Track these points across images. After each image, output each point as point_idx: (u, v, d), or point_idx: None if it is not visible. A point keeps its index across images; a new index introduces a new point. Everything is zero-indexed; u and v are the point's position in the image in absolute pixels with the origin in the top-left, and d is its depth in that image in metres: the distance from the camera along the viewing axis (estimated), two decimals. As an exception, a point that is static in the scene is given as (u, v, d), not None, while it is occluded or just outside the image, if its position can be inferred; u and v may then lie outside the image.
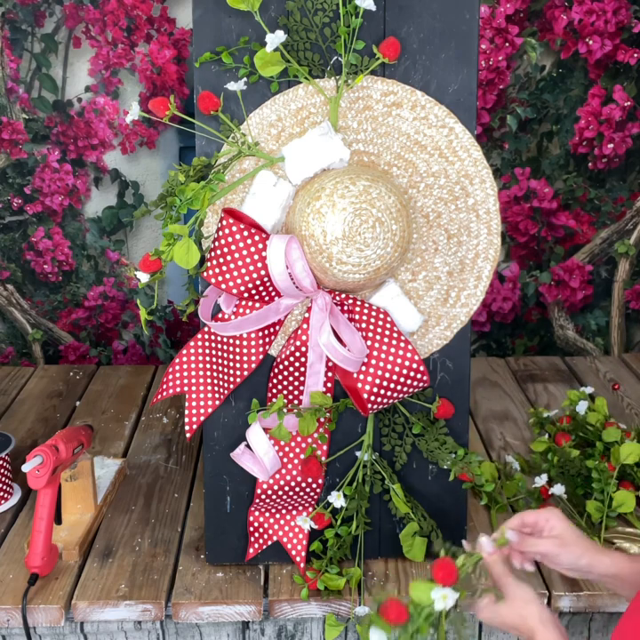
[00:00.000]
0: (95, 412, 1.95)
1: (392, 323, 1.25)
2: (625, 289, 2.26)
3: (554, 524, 1.10)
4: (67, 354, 2.29)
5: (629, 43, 2.06)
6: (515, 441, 1.80)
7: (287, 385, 1.31)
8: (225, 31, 1.24)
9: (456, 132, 1.27)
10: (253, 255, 1.18)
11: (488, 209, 1.30)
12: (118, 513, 1.55)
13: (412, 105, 1.26)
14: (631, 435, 1.64)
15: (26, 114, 2.09)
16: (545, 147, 2.15)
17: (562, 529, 1.10)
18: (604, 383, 2.09)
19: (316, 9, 1.23)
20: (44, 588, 1.33)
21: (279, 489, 1.34)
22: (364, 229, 1.17)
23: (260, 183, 1.24)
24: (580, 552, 1.09)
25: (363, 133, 1.26)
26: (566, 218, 2.19)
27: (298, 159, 1.22)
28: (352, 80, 1.23)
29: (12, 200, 2.15)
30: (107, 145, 2.13)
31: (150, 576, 1.37)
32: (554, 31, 2.06)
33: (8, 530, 1.50)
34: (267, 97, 1.25)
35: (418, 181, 1.28)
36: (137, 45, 2.06)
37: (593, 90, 2.09)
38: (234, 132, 1.24)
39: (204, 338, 1.31)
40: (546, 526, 1.10)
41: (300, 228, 1.20)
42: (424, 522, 1.36)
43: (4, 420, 1.92)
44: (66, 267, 2.21)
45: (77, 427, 1.47)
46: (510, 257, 2.23)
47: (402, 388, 1.26)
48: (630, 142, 2.13)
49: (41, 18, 2.03)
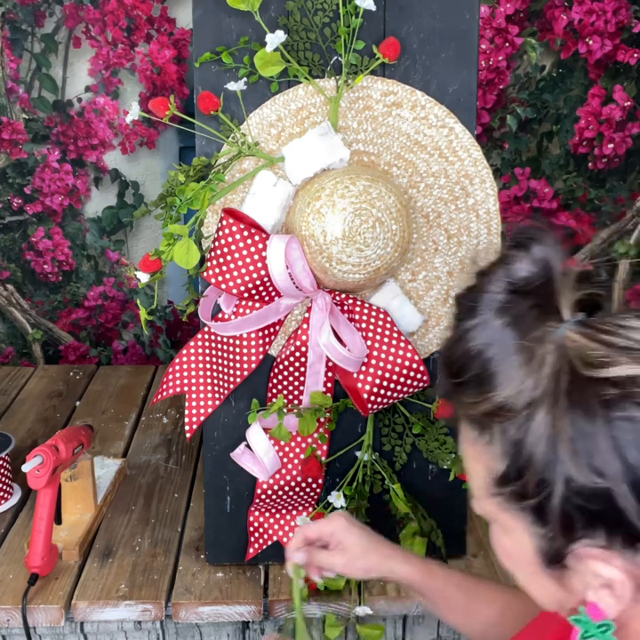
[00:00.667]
0: (95, 412, 1.95)
1: (392, 323, 1.25)
2: (625, 289, 2.26)
3: (339, 537, 1.04)
4: (67, 354, 2.29)
5: (629, 43, 2.06)
6: (515, 441, 1.80)
7: (287, 385, 1.31)
8: (225, 31, 1.24)
9: (456, 132, 1.27)
10: (253, 255, 1.18)
11: (488, 209, 1.29)
12: (118, 513, 1.55)
13: (411, 105, 1.26)
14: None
15: (26, 114, 2.09)
16: (545, 147, 2.15)
17: (349, 544, 1.03)
18: (604, 383, 2.08)
19: (316, 9, 1.23)
20: (44, 588, 1.33)
21: (279, 489, 1.34)
22: (364, 229, 1.17)
23: (260, 183, 1.24)
24: (367, 565, 1.03)
25: (363, 133, 1.26)
26: (566, 218, 2.19)
27: (298, 159, 1.22)
28: (352, 80, 1.23)
29: (11, 200, 2.15)
30: (107, 145, 2.13)
31: (150, 576, 1.37)
32: (554, 31, 2.06)
33: (8, 530, 1.50)
34: (267, 97, 1.25)
35: (418, 181, 1.28)
36: (137, 45, 2.06)
37: (593, 90, 2.09)
38: (234, 132, 1.24)
39: (204, 338, 1.31)
40: (332, 540, 1.04)
41: (299, 227, 1.20)
42: (424, 522, 1.36)
43: (4, 420, 1.92)
44: (66, 267, 2.21)
45: (77, 427, 1.47)
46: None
47: (402, 387, 1.26)
48: (630, 142, 2.13)
49: (41, 18, 2.03)
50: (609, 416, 0.58)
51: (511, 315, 0.61)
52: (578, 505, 0.59)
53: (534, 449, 0.60)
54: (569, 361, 0.59)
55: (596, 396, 0.58)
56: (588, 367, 0.58)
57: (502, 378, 0.61)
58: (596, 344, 0.59)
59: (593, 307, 0.64)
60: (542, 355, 0.60)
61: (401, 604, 1.34)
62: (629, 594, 0.61)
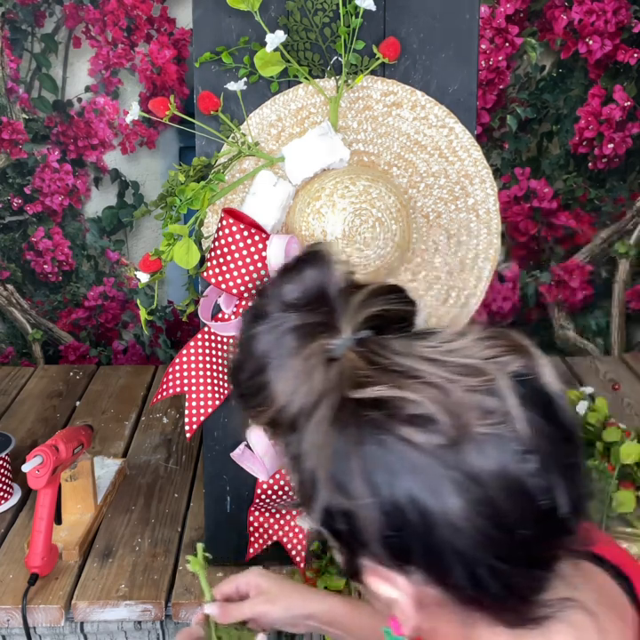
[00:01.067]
0: (95, 412, 1.95)
1: (392, 323, 1.25)
2: (625, 289, 2.26)
3: (256, 582, 1.00)
4: (67, 354, 2.29)
5: (629, 43, 2.06)
6: (515, 441, 1.80)
7: (287, 385, 1.30)
8: (225, 31, 1.24)
9: (456, 132, 1.27)
10: (253, 255, 1.18)
11: (488, 209, 1.29)
12: (118, 513, 1.55)
13: (411, 105, 1.26)
14: (631, 435, 1.64)
15: (26, 114, 2.09)
16: (545, 147, 2.15)
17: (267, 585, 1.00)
18: (604, 383, 2.09)
19: (316, 9, 1.23)
20: (44, 588, 1.33)
21: (279, 489, 1.34)
22: (364, 229, 1.17)
23: (260, 183, 1.23)
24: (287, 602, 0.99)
25: (363, 133, 1.26)
26: (566, 218, 2.19)
27: (298, 159, 1.22)
28: (352, 80, 1.23)
29: (11, 200, 2.15)
30: (107, 145, 2.13)
31: (150, 576, 1.37)
32: (554, 31, 2.06)
33: (8, 530, 1.50)
34: (267, 97, 1.25)
35: (418, 181, 1.28)
36: (137, 45, 2.06)
37: (593, 90, 2.09)
38: (234, 132, 1.24)
39: (203, 338, 1.31)
40: (249, 589, 1.01)
41: (300, 227, 1.20)
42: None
43: (4, 420, 1.92)
44: (66, 267, 2.21)
45: (77, 427, 1.47)
46: (510, 257, 2.22)
47: (402, 388, 1.26)
48: (630, 142, 2.13)
49: (41, 18, 2.03)
50: (361, 437, 0.57)
51: (289, 330, 0.62)
52: (335, 523, 0.59)
53: (304, 464, 0.60)
54: (338, 379, 0.59)
55: (352, 416, 0.57)
56: (351, 387, 0.58)
57: (276, 389, 0.61)
58: (364, 363, 0.59)
59: (387, 324, 0.63)
60: (312, 370, 0.60)
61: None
62: (411, 612, 0.61)
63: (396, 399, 0.56)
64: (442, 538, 0.56)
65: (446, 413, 0.55)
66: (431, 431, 0.55)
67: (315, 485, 0.59)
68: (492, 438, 0.55)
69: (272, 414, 0.62)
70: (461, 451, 0.55)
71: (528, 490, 0.56)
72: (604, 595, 0.67)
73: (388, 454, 0.56)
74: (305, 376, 0.60)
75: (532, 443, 0.56)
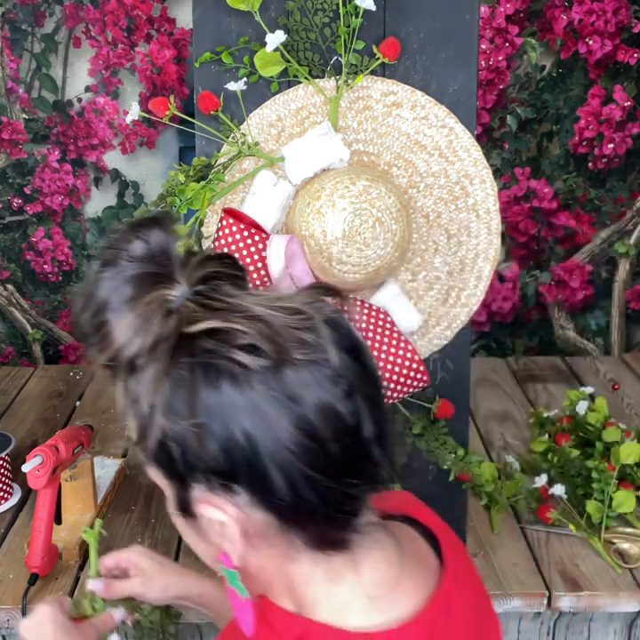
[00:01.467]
0: (95, 412, 1.95)
1: (392, 323, 1.25)
2: (625, 289, 2.26)
3: (135, 561, 1.08)
4: (67, 354, 2.29)
5: (629, 43, 2.06)
6: (515, 441, 1.80)
7: (287, 385, 1.30)
8: (225, 31, 1.24)
9: (456, 132, 1.27)
10: (253, 255, 1.18)
11: (488, 209, 1.29)
12: (118, 513, 1.55)
13: (411, 105, 1.26)
14: (631, 435, 1.64)
15: (26, 114, 2.09)
16: (545, 147, 2.15)
17: (146, 565, 1.07)
18: (604, 383, 2.09)
19: (316, 9, 1.23)
20: (44, 588, 1.33)
21: (279, 489, 1.34)
22: (364, 229, 1.17)
23: (260, 183, 1.24)
24: (164, 583, 1.07)
25: (363, 133, 1.26)
26: (566, 218, 2.19)
27: (298, 159, 1.22)
28: (352, 80, 1.23)
29: (11, 200, 2.15)
30: (107, 145, 2.13)
31: (150, 576, 1.37)
32: (554, 31, 2.06)
33: (8, 530, 1.50)
34: (267, 97, 1.25)
35: (418, 181, 1.28)
36: (137, 45, 2.06)
37: (593, 90, 2.09)
38: (234, 132, 1.24)
39: (204, 338, 1.31)
40: (130, 566, 1.08)
41: (299, 227, 1.20)
42: (424, 522, 1.36)
43: (4, 420, 1.92)
44: (66, 267, 2.21)
45: (77, 427, 1.47)
46: (510, 257, 2.22)
47: (402, 387, 1.26)
48: (630, 142, 2.13)
49: (41, 18, 2.03)
50: (193, 365, 0.63)
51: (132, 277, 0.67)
52: (170, 452, 0.66)
53: (142, 402, 0.66)
54: (177, 323, 0.65)
55: (186, 347, 0.64)
56: (187, 324, 0.64)
57: (115, 330, 0.66)
58: (199, 307, 0.65)
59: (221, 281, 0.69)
60: (152, 315, 0.65)
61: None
62: (238, 539, 0.67)
63: (225, 330, 0.63)
64: (265, 453, 0.63)
65: (269, 342, 0.63)
66: (256, 355, 0.62)
67: (151, 418, 0.65)
68: (309, 364, 0.64)
69: (112, 353, 0.67)
70: (282, 374, 0.63)
71: (338, 409, 0.64)
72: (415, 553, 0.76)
73: (219, 377, 0.63)
74: (144, 320, 0.65)
75: (342, 371, 0.64)
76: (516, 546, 1.46)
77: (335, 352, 0.64)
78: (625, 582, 1.37)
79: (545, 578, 1.37)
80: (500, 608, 1.34)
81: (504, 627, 1.38)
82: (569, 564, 1.41)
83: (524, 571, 1.39)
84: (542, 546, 1.46)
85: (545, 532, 1.49)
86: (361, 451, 0.66)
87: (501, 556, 1.43)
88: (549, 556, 1.43)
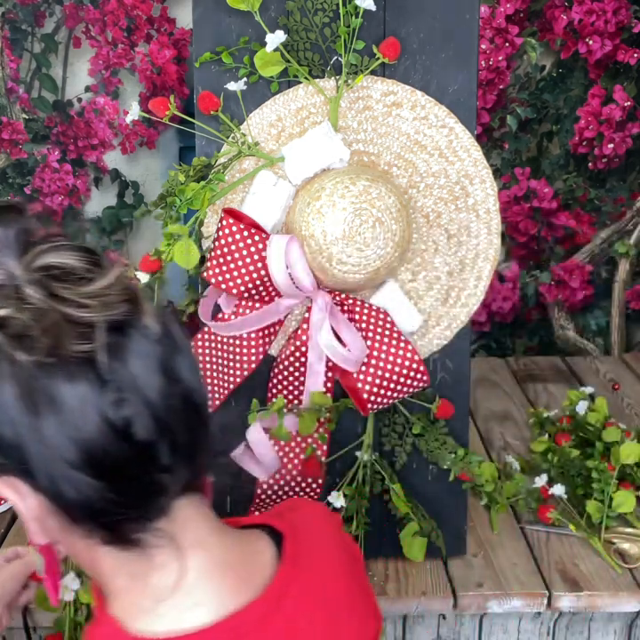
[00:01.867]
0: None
1: (392, 323, 1.25)
2: (625, 289, 2.26)
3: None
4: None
5: (629, 43, 2.06)
6: (515, 441, 1.80)
7: (287, 385, 1.30)
8: (225, 31, 1.24)
9: (456, 132, 1.27)
10: (253, 255, 1.18)
11: (488, 209, 1.29)
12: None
13: (411, 105, 1.26)
14: (631, 435, 1.64)
15: (26, 114, 2.09)
16: (545, 147, 2.15)
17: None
18: (604, 383, 2.09)
19: (316, 9, 1.23)
20: (44, 588, 1.33)
21: (279, 489, 1.34)
22: (364, 229, 1.17)
23: (260, 183, 1.24)
24: None
25: (363, 133, 1.26)
26: (566, 218, 2.19)
27: (298, 159, 1.22)
28: (352, 80, 1.23)
29: (12, 200, 2.15)
30: (107, 145, 2.13)
31: (150, 576, 1.37)
32: (554, 31, 2.06)
33: (8, 530, 1.50)
34: (267, 97, 1.25)
35: (418, 181, 1.28)
36: (137, 45, 2.06)
37: (593, 90, 2.09)
38: (234, 132, 1.24)
39: (203, 338, 1.31)
40: None
41: (299, 227, 1.20)
42: (424, 522, 1.36)
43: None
44: (66, 267, 2.21)
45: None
46: (510, 257, 2.23)
47: (402, 387, 1.26)
48: (630, 142, 2.13)
49: (41, 18, 2.03)
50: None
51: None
52: None
53: None
54: None
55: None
56: None
57: None
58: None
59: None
60: None
61: (401, 603, 1.34)
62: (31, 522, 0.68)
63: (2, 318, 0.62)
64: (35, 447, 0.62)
65: (43, 333, 0.61)
66: (29, 347, 0.61)
67: None
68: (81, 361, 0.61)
69: None
70: (52, 370, 0.61)
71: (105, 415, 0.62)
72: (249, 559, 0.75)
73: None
74: None
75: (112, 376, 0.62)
76: (515, 546, 1.46)
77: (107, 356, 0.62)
78: (625, 582, 1.37)
79: (545, 578, 1.37)
80: (499, 608, 1.34)
81: (504, 627, 1.39)
82: (569, 564, 1.41)
83: (524, 571, 1.39)
84: (542, 546, 1.46)
85: (545, 532, 1.49)
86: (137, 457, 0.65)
87: (501, 556, 1.43)
88: (549, 556, 1.43)
